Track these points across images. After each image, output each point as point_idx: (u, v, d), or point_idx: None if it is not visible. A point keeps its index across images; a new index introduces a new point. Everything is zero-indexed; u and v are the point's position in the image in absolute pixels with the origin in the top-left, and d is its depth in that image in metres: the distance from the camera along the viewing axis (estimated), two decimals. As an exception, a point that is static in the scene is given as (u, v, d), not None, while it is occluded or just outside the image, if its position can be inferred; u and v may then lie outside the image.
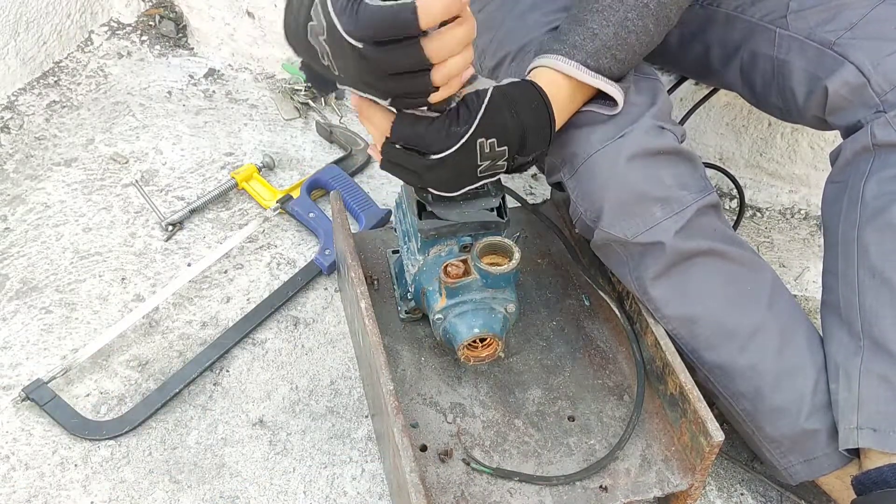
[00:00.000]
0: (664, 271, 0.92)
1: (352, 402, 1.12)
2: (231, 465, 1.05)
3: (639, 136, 0.89)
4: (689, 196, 0.90)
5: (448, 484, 0.92)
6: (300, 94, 1.56)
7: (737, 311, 0.94)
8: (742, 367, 0.94)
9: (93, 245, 1.30)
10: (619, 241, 0.91)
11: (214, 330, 1.19)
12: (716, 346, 0.95)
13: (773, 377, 0.94)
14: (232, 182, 1.39)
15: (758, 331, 0.94)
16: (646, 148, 0.89)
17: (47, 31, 1.59)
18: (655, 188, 0.89)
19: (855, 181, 0.95)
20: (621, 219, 0.90)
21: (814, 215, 1.42)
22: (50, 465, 1.04)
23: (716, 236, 0.93)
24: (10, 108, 1.52)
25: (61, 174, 1.41)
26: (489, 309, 0.95)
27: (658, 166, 0.90)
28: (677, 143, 0.92)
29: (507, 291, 0.95)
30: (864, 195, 0.93)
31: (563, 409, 1.00)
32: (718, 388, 0.98)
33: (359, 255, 1.06)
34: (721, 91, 1.34)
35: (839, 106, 0.96)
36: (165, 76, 1.62)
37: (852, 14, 0.97)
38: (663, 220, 0.89)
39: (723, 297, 0.94)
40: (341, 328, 1.21)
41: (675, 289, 0.93)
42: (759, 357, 0.94)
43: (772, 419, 0.95)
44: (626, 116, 0.91)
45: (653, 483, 0.93)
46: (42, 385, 1.09)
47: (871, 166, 0.93)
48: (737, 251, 0.94)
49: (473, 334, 0.93)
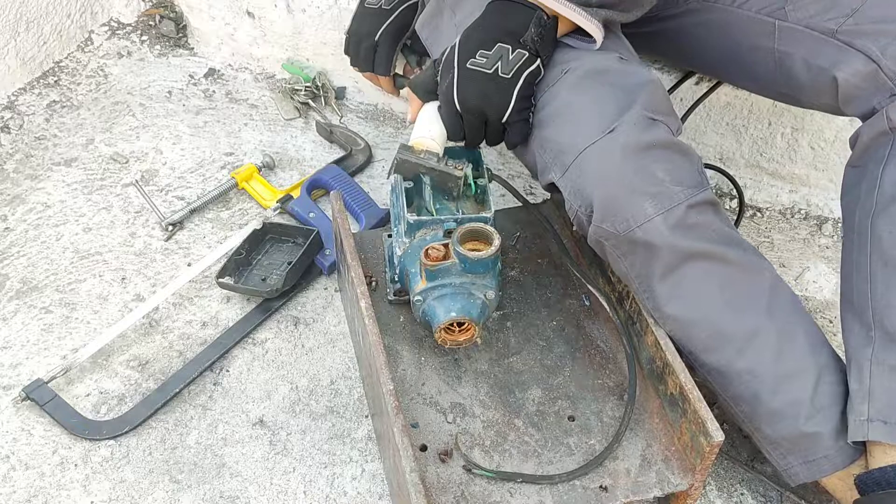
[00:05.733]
0: (662, 270, 0.91)
1: (352, 402, 1.12)
2: (231, 465, 1.05)
3: (629, 129, 0.88)
4: (682, 192, 0.88)
5: (448, 484, 0.92)
6: (300, 94, 1.56)
7: (734, 315, 0.93)
8: (739, 371, 0.94)
9: (93, 245, 1.30)
10: (612, 237, 0.90)
11: (214, 330, 1.19)
12: (713, 349, 0.94)
13: (772, 381, 0.93)
14: (232, 182, 1.39)
15: (755, 335, 0.93)
16: (637, 141, 0.88)
17: (47, 30, 1.59)
18: (647, 183, 0.87)
19: (873, 167, 0.94)
20: (613, 214, 0.88)
21: (814, 215, 1.42)
22: (50, 464, 1.04)
23: (713, 237, 0.91)
24: (10, 107, 1.52)
25: (61, 174, 1.41)
26: (468, 294, 0.96)
27: (650, 160, 0.88)
28: (671, 135, 0.91)
29: (487, 278, 0.97)
30: (883, 182, 0.92)
31: (563, 409, 1.00)
32: (717, 389, 0.98)
33: (359, 255, 1.06)
34: (721, 91, 1.35)
35: (852, 95, 0.95)
36: (165, 76, 1.62)
37: (852, 0, 0.97)
38: (655, 217, 0.87)
39: (720, 301, 0.93)
40: (341, 328, 1.21)
41: (672, 290, 0.93)
42: (757, 361, 0.93)
43: (771, 422, 0.95)
44: (614, 109, 0.90)
45: (653, 483, 0.93)
46: (42, 385, 1.09)
47: (889, 151, 0.92)
48: (735, 253, 0.93)
49: (450, 318, 0.95)
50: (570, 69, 0.94)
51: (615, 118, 0.89)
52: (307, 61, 1.59)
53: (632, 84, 0.93)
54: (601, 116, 0.89)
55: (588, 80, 0.93)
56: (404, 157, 0.99)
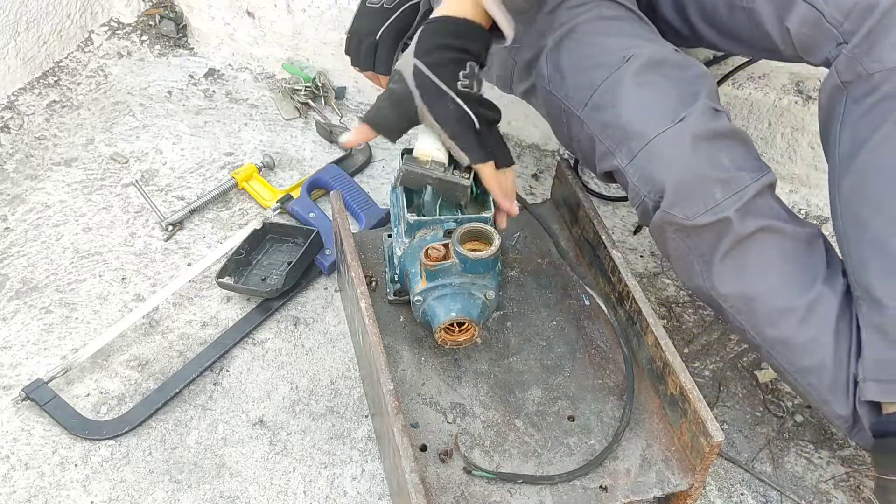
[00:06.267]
0: (725, 250, 0.93)
1: (352, 402, 1.12)
2: (231, 465, 1.05)
3: (698, 118, 0.90)
4: (747, 176, 0.91)
5: (448, 484, 0.92)
6: (300, 94, 1.56)
7: (794, 286, 0.94)
8: (804, 342, 0.94)
9: (93, 245, 1.30)
10: (678, 225, 0.92)
11: (214, 330, 1.19)
12: (776, 321, 0.95)
13: (835, 350, 0.94)
14: (232, 182, 1.39)
15: (816, 304, 0.94)
16: (706, 130, 0.90)
17: (47, 30, 1.59)
18: (716, 170, 0.90)
19: (833, 127, 0.94)
20: (683, 199, 0.90)
21: (814, 215, 1.42)
22: (50, 464, 1.04)
23: (773, 214, 0.93)
24: (10, 107, 1.52)
25: (61, 174, 1.41)
26: (468, 294, 0.96)
27: (717, 148, 0.90)
28: (731, 123, 0.93)
29: (487, 278, 0.97)
30: (841, 141, 0.93)
31: (563, 409, 1.00)
32: (783, 364, 0.98)
33: (359, 255, 1.06)
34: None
35: (806, 44, 0.95)
36: (165, 76, 1.62)
37: None
38: (723, 201, 0.90)
39: (780, 273, 0.94)
40: (341, 328, 1.21)
41: (734, 267, 0.94)
42: (820, 330, 0.94)
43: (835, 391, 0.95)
44: (678, 99, 0.92)
45: (653, 483, 0.93)
46: (42, 385, 1.09)
47: (844, 108, 0.92)
48: (791, 226, 0.94)
49: (451, 318, 0.96)
50: (632, 56, 0.95)
51: (683, 108, 0.91)
52: (307, 61, 1.59)
53: (691, 76, 0.95)
54: (669, 106, 0.91)
55: (651, 68, 0.95)
56: (410, 168, 0.96)
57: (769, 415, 1.14)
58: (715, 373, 1.18)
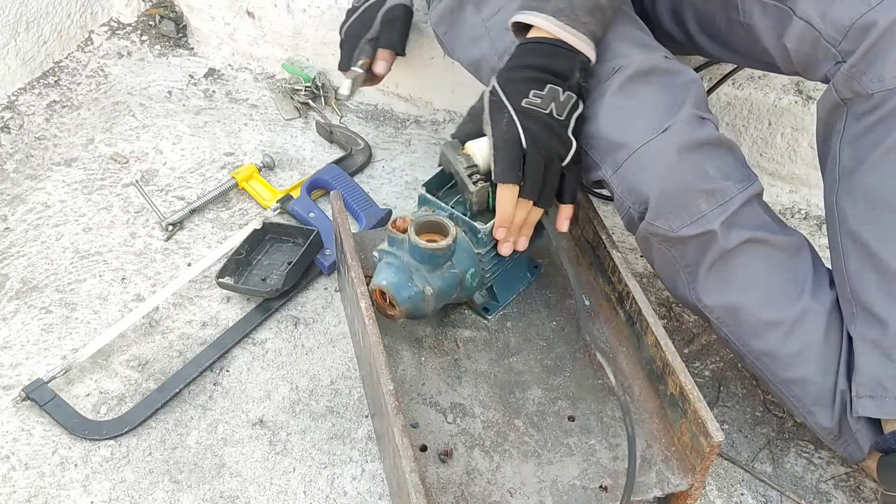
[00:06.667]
0: (711, 261, 0.92)
1: (352, 402, 1.12)
2: (231, 465, 1.05)
3: (682, 127, 0.89)
4: (733, 187, 0.90)
5: (448, 484, 0.92)
6: (300, 94, 1.56)
7: (780, 299, 0.94)
8: (790, 354, 0.94)
9: (93, 245, 1.30)
10: (662, 236, 0.92)
11: (214, 330, 1.19)
12: (761, 333, 0.95)
13: (821, 363, 0.94)
14: (232, 182, 1.39)
15: (803, 317, 0.94)
16: (691, 140, 0.89)
17: (47, 30, 1.59)
18: (700, 181, 0.89)
19: (832, 142, 0.94)
20: (667, 211, 0.90)
21: (814, 215, 1.42)
22: (50, 464, 1.04)
23: (759, 225, 0.93)
24: (10, 107, 1.52)
25: (61, 174, 1.41)
26: (408, 276, 0.98)
27: (702, 158, 0.90)
28: (717, 131, 0.92)
29: (435, 274, 0.97)
30: (841, 157, 0.92)
31: (563, 409, 1.00)
32: (768, 375, 0.98)
33: (359, 255, 1.06)
34: (721, 90, 1.35)
35: (804, 62, 0.94)
36: (165, 76, 1.62)
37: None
38: (708, 213, 0.89)
39: (766, 286, 0.94)
40: (341, 328, 1.21)
41: (719, 279, 0.94)
42: (805, 344, 0.94)
43: (821, 403, 0.95)
44: (665, 108, 0.91)
45: (653, 483, 0.93)
46: (42, 385, 1.09)
47: (844, 125, 0.92)
48: (778, 237, 0.94)
49: (380, 285, 0.98)
50: (620, 67, 0.95)
51: (668, 117, 0.90)
52: (307, 61, 1.59)
53: (679, 83, 0.94)
54: (654, 115, 0.91)
55: (638, 78, 0.94)
56: (444, 150, 1.00)
57: (769, 415, 1.14)
58: (715, 373, 1.18)
